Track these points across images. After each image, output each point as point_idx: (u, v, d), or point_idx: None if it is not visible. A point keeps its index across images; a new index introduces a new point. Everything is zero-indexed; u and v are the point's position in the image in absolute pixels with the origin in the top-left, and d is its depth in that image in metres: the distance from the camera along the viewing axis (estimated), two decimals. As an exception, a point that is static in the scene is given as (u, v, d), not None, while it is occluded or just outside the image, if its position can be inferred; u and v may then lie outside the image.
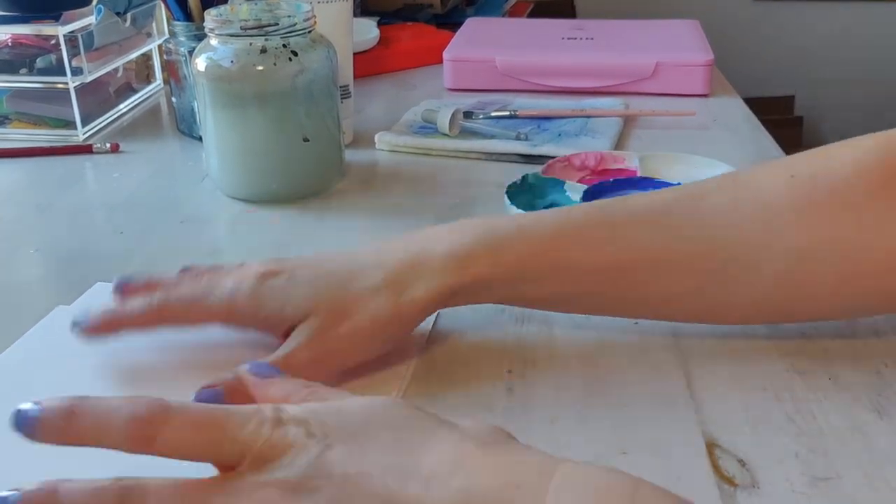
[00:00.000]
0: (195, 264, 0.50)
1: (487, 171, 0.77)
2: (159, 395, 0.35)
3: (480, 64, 1.01)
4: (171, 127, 0.92)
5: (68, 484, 0.32)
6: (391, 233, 0.65)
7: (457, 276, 0.46)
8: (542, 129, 0.84)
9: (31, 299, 0.57)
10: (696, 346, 0.50)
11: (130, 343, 0.49)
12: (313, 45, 0.69)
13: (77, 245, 0.65)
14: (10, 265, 0.62)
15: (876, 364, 0.48)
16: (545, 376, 0.48)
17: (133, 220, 0.69)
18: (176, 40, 0.85)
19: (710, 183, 0.50)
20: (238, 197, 0.72)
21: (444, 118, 0.82)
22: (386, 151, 0.83)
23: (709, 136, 0.85)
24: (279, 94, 0.68)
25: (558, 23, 1.17)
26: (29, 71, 0.87)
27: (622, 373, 0.48)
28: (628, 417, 0.45)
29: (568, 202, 0.68)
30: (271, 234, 0.66)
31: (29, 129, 0.89)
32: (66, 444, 0.33)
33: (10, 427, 0.33)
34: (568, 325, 0.53)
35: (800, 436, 0.43)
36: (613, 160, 0.75)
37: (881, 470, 0.41)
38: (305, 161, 0.71)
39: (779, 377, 0.47)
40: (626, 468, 0.41)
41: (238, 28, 0.67)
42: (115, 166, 0.81)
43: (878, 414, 0.44)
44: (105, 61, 0.91)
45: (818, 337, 0.51)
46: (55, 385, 0.48)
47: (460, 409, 0.45)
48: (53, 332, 0.53)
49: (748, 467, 0.41)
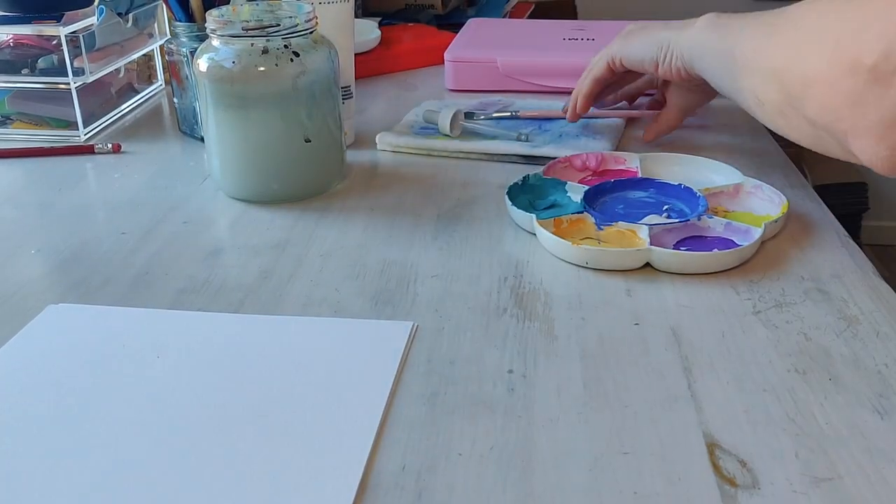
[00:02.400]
0: None
1: (488, 171, 0.78)
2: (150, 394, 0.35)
3: (481, 65, 1.01)
4: (172, 127, 0.92)
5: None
6: (393, 233, 0.66)
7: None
8: (543, 129, 0.84)
9: (31, 299, 0.57)
10: (696, 346, 0.50)
11: (123, 342, 0.50)
12: (315, 45, 0.69)
13: (78, 245, 0.65)
14: (10, 265, 0.63)
15: (876, 364, 0.48)
16: (545, 376, 0.48)
17: (134, 220, 0.70)
18: (178, 41, 0.85)
19: None
20: (239, 197, 0.72)
21: (444, 119, 0.82)
22: (387, 152, 0.83)
23: (709, 137, 0.85)
24: (281, 95, 0.68)
25: (559, 24, 1.17)
26: (31, 71, 0.87)
27: (622, 373, 0.48)
28: (628, 417, 0.45)
29: (569, 202, 0.68)
30: (272, 235, 0.66)
31: (30, 130, 0.89)
32: None
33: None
34: (568, 324, 0.53)
35: (800, 436, 0.43)
36: (614, 161, 0.75)
37: (881, 470, 0.41)
38: (307, 162, 0.71)
39: (779, 377, 0.47)
40: (626, 468, 0.41)
41: (240, 29, 0.67)
42: (117, 167, 0.81)
43: (878, 414, 0.44)
44: (107, 62, 0.91)
45: (818, 337, 0.51)
46: (47, 383, 0.48)
47: (460, 409, 0.45)
48: (45, 330, 0.53)
49: (748, 467, 0.41)
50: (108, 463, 0.42)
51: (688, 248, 0.61)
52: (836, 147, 0.52)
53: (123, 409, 0.46)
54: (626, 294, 0.56)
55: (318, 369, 0.49)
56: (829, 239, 0.63)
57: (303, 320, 0.54)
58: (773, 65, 0.55)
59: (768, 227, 0.62)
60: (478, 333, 0.52)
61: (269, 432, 0.44)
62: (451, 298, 0.56)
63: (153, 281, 0.60)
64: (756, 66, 0.57)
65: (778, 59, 0.54)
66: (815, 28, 0.52)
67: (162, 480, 0.41)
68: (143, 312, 0.55)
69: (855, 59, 0.47)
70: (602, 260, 0.59)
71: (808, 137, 0.54)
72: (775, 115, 0.56)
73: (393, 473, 0.41)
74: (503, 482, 0.40)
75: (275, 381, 0.48)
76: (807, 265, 0.60)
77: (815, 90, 0.50)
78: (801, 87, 0.51)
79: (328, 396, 0.46)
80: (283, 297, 0.57)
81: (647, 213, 0.66)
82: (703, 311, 0.54)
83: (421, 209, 0.70)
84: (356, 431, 0.44)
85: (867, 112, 0.47)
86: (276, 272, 0.60)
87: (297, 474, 0.41)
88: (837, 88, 0.48)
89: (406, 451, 0.43)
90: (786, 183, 0.72)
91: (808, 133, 0.54)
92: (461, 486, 0.40)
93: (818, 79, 0.50)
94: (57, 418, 0.45)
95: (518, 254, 0.62)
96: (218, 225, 0.69)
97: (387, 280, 0.59)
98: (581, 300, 0.56)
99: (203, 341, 0.52)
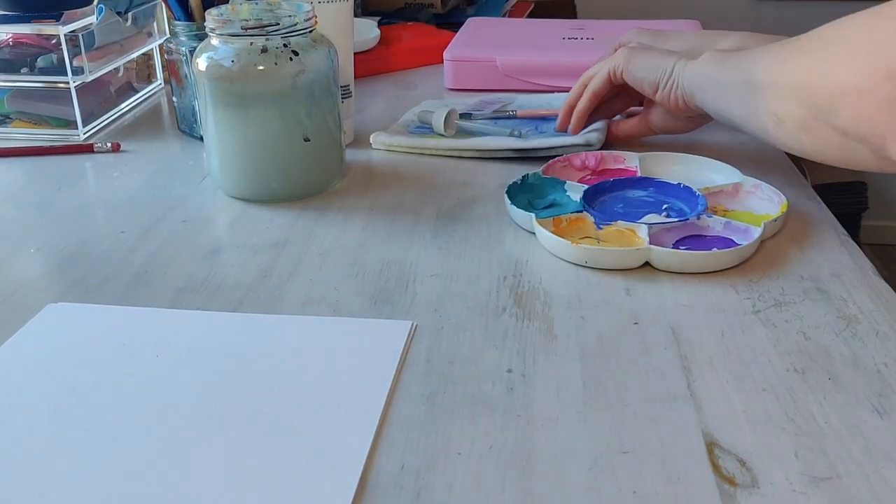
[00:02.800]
0: None
1: (488, 171, 0.78)
2: (149, 393, 0.35)
3: (481, 64, 1.01)
4: (171, 126, 0.92)
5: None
6: (392, 232, 0.66)
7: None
8: (539, 130, 0.84)
9: (31, 298, 0.57)
10: (695, 346, 0.50)
11: (123, 341, 0.50)
12: (314, 44, 0.69)
13: (77, 244, 0.65)
14: (10, 264, 0.62)
15: (875, 364, 0.48)
16: (545, 376, 0.48)
17: (134, 219, 0.69)
18: (177, 40, 0.85)
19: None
20: (239, 196, 0.72)
21: (438, 119, 0.82)
22: (385, 151, 0.83)
23: (708, 136, 0.85)
24: (280, 94, 0.68)
25: (559, 23, 1.17)
26: (30, 70, 0.87)
27: (622, 373, 0.48)
28: (628, 417, 0.45)
29: (568, 202, 0.68)
30: (271, 234, 0.66)
31: (30, 129, 0.89)
32: None
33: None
34: (567, 324, 0.53)
35: (800, 436, 0.43)
36: (613, 160, 0.75)
37: (881, 470, 0.41)
38: (306, 161, 0.71)
39: (778, 376, 0.47)
40: (626, 467, 0.41)
41: (239, 28, 0.67)
42: (116, 166, 0.81)
43: (878, 413, 0.44)
44: (106, 61, 0.91)
45: (817, 336, 0.51)
46: (46, 382, 0.48)
47: (459, 409, 0.45)
48: (45, 329, 0.53)
49: (748, 467, 0.41)
50: (107, 462, 0.42)
51: (687, 248, 0.61)
52: (867, 156, 0.53)
53: (123, 407, 0.46)
54: (626, 293, 0.56)
55: (317, 368, 0.49)
56: (829, 238, 0.63)
57: (302, 319, 0.54)
58: (796, 81, 0.55)
59: (768, 226, 0.62)
60: (477, 333, 0.52)
61: (268, 431, 0.44)
62: (450, 298, 0.56)
63: (152, 280, 0.60)
64: (776, 85, 0.57)
65: (801, 74, 0.55)
66: (839, 42, 0.53)
67: (161, 479, 0.41)
68: (142, 311, 0.55)
69: (890, 66, 0.48)
70: (601, 259, 0.59)
71: (834, 150, 0.55)
72: (797, 130, 0.56)
73: (392, 473, 0.41)
74: (502, 481, 0.40)
75: (274, 380, 0.48)
76: (806, 264, 0.60)
77: (847, 100, 0.51)
78: (830, 98, 0.52)
79: (327, 395, 0.46)
80: (282, 296, 0.57)
81: (647, 212, 0.66)
82: (703, 310, 0.54)
83: (420, 208, 0.70)
84: (355, 430, 0.44)
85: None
86: (276, 271, 0.60)
87: (296, 473, 0.41)
88: (873, 97, 0.49)
89: (405, 450, 0.43)
90: (785, 182, 0.72)
91: (835, 145, 0.54)
92: (460, 486, 0.40)
93: (849, 89, 0.51)
94: (56, 417, 0.45)
95: (517, 253, 0.62)
96: (217, 224, 0.69)
97: (386, 279, 0.59)
98: (580, 299, 0.56)
99: (202, 340, 0.52)
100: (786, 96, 0.56)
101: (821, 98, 0.53)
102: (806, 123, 0.55)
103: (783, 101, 0.57)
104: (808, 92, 0.54)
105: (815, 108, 0.54)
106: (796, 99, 0.55)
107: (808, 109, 0.55)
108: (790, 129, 0.57)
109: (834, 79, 0.52)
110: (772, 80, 0.58)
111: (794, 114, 0.56)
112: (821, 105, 0.53)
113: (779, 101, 0.57)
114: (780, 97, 0.57)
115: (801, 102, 0.55)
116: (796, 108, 0.55)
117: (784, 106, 0.57)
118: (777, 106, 0.57)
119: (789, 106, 0.56)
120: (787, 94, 0.56)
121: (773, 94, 0.58)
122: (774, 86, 0.57)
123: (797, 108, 0.55)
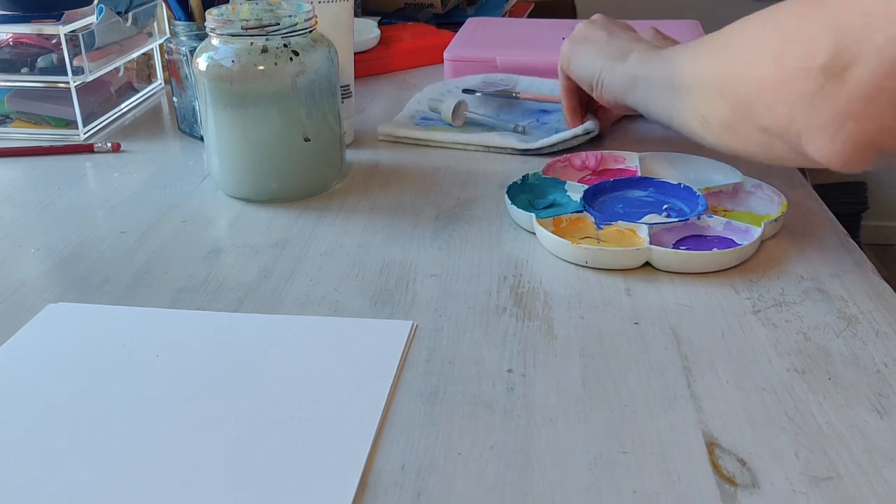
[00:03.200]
0: None
1: (488, 170, 0.78)
2: (149, 394, 0.35)
3: (481, 64, 1.01)
4: (172, 126, 0.92)
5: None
6: (392, 232, 0.66)
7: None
8: (540, 122, 0.85)
9: (30, 298, 0.57)
10: (695, 346, 0.50)
11: (123, 341, 0.50)
12: (314, 45, 0.69)
13: (77, 244, 0.65)
14: (10, 264, 0.63)
15: (875, 364, 0.48)
16: (545, 376, 0.48)
17: (134, 219, 0.69)
18: (177, 40, 0.85)
19: None
20: (239, 196, 0.72)
21: (447, 108, 0.83)
22: (387, 151, 0.83)
23: (709, 137, 0.85)
24: (280, 94, 0.68)
25: (559, 23, 1.17)
26: (30, 70, 0.87)
27: (622, 373, 0.48)
28: (628, 417, 0.45)
29: (568, 202, 0.68)
30: (272, 234, 0.66)
31: (30, 129, 0.89)
32: None
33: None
34: (567, 324, 0.53)
35: (799, 435, 0.43)
36: (613, 160, 0.75)
37: (881, 470, 0.41)
38: (306, 161, 0.71)
39: (778, 376, 0.48)
40: (626, 467, 0.41)
41: (239, 28, 0.67)
42: (116, 166, 0.81)
43: (878, 413, 0.44)
44: (106, 61, 0.91)
45: (817, 336, 0.51)
46: (46, 382, 0.48)
47: (460, 408, 0.45)
48: (45, 329, 0.53)
49: (748, 467, 0.41)
50: (107, 462, 0.42)
51: (687, 248, 0.61)
52: (787, 152, 0.52)
53: (123, 407, 0.46)
54: (626, 293, 0.56)
55: (317, 368, 0.49)
56: (829, 238, 0.63)
57: (302, 319, 0.54)
58: (718, 80, 0.55)
59: (768, 226, 0.62)
60: (477, 333, 0.52)
61: (268, 431, 0.44)
62: (450, 298, 0.56)
63: (152, 280, 0.60)
64: (699, 85, 0.57)
65: (722, 74, 0.55)
66: (756, 39, 0.53)
67: (161, 479, 0.41)
68: (142, 311, 0.55)
69: (804, 61, 0.48)
70: (601, 259, 0.59)
71: (757, 147, 0.54)
72: (723, 130, 0.56)
73: (392, 473, 0.41)
74: (502, 481, 0.40)
75: (274, 380, 0.48)
76: (806, 264, 0.60)
77: (766, 97, 0.51)
78: (751, 97, 0.52)
79: (327, 395, 0.46)
80: (282, 297, 0.57)
81: (647, 212, 0.66)
82: (703, 310, 0.54)
83: (420, 208, 0.70)
84: (355, 430, 0.44)
85: (821, 110, 0.48)
86: (276, 271, 0.60)
87: (296, 473, 0.41)
88: (789, 91, 0.49)
89: (405, 450, 0.43)
90: (785, 182, 0.72)
91: (758, 142, 0.54)
92: (460, 486, 0.40)
93: (768, 86, 0.51)
94: (56, 417, 0.45)
95: (517, 253, 0.62)
96: (217, 224, 0.69)
97: (386, 279, 0.59)
98: (580, 299, 0.56)
99: (202, 340, 0.52)
100: (710, 96, 0.56)
101: (743, 97, 0.53)
102: (730, 122, 0.55)
103: (707, 101, 0.57)
104: (731, 91, 0.54)
105: (738, 106, 0.54)
106: (720, 98, 0.55)
107: (731, 109, 0.54)
108: (716, 129, 0.57)
109: (754, 76, 0.52)
110: (693, 81, 0.58)
111: (719, 113, 0.56)
112: (743, 104, 0.53)
113: (703, 101, 0.57)
114: (704, 98, 0.57)
115: (725, 102, 0.55)
116: (721, 108, 0.55)
117: (708, 106, 0.57)
118: (701, 107, 0.57)
119: (714, 106, 0.56)
120: (711, 95, 0.56)
121: (696, 95, 0.58)
122: (698, 87, 0.58)
123: (722, 108, 0.55)
